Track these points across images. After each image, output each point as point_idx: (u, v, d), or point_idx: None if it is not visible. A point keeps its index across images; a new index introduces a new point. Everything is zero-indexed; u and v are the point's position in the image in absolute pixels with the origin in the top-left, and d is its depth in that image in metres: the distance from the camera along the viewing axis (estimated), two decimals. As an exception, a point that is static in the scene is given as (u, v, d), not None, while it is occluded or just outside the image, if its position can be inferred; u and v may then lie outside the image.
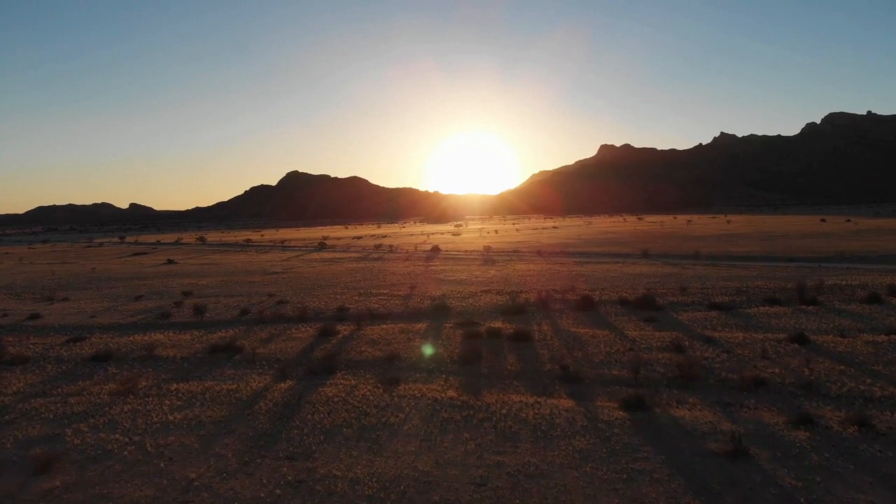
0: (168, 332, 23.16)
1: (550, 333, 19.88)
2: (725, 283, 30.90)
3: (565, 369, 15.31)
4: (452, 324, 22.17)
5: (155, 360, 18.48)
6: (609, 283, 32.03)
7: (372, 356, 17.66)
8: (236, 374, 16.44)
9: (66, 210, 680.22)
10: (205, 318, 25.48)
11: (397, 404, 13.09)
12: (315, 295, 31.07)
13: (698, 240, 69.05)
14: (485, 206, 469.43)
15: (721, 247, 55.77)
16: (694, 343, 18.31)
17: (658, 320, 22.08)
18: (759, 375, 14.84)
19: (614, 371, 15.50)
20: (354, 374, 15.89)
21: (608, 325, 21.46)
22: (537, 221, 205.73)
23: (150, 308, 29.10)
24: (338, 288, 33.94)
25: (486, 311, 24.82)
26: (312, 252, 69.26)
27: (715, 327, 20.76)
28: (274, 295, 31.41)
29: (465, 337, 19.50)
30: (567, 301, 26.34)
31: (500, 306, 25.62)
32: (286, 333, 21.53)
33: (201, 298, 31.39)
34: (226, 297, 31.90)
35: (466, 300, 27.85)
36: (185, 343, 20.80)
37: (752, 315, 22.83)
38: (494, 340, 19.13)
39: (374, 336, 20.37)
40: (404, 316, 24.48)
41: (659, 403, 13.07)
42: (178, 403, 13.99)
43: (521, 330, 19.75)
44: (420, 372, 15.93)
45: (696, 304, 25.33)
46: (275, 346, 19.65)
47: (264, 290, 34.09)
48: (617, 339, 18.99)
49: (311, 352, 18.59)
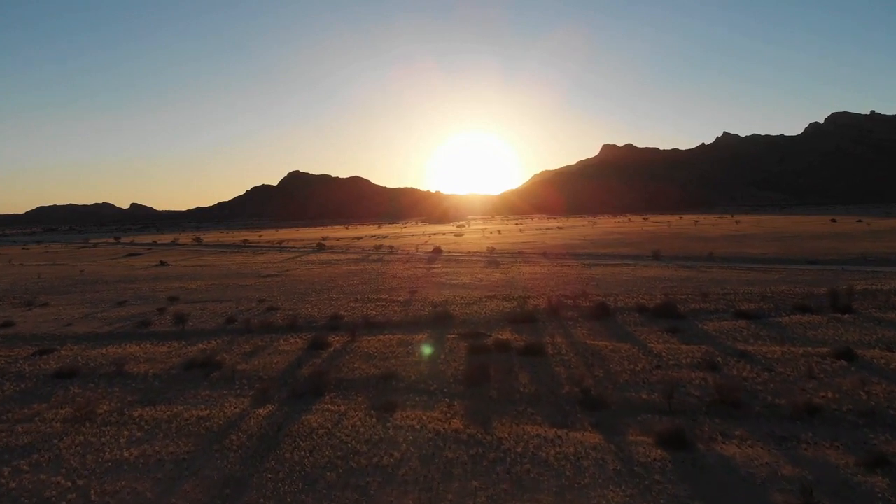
0: (145, 342, 21.19)
1: (565, 347, 17.86)
2: (748, 289, 28.88)
3: (587, 393, 13.30)
4: (456, 334, 20.17)
5: (124, 378, 16.51)
6: (622, 288, 30.01)
7: (366, 374, 15.66)
8: (211, 397, 14.45)
9: (66, 210, 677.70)
10: (187, 327, 23.50)
11: (392, 439, 11.09)
12: (308, 301, 29.08)
13: (709, 241, 66.97)
14: (486, 207, 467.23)
15: (734, 248, 53.70)
16: (728, 359, 16.30)
17: (682, 331, 20.07)
18: (810, 401, 12.84)
19: (643, 394, 13.49)
20: (345, 396, 13.90)
21: (628, 336, 19.44)
22: (540, 221, 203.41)
23: (131, 315, 27.13)
24: (333, 293, 31.94)
25: (492, 320, 22.81)
26: (310, 253, 67.27)
27: (747, 339, 18.76)
28: (265, 300, 29.43)
29: (471, 350, 17.51)
30: (580, 308, 24.33)
31: (507, 314, 23.61)
32: (273, 346, 19.54)
33: (188, 304, 29.43)
34: (214, 302, 29.93)
35: (470, 307, 25.85)
36: (161, 356, 18.82)
37: (784, 325, 20.82)
38: (503, 355, 17.13)
39: (369, 349, 18.37)
40: (403, 325, 22.48)
41: (701, 437, 11.08)
42: (137, 435, 12.02)
43: (533, 343, 17.75)
44: (420, 394, 13.94)
45: (721, 312, 23.32)
46: (258, 360, 17.67)
47: (256, 294, 32.11)
48: (641, 353, 16.97)
49: (297, 368, 16.60)
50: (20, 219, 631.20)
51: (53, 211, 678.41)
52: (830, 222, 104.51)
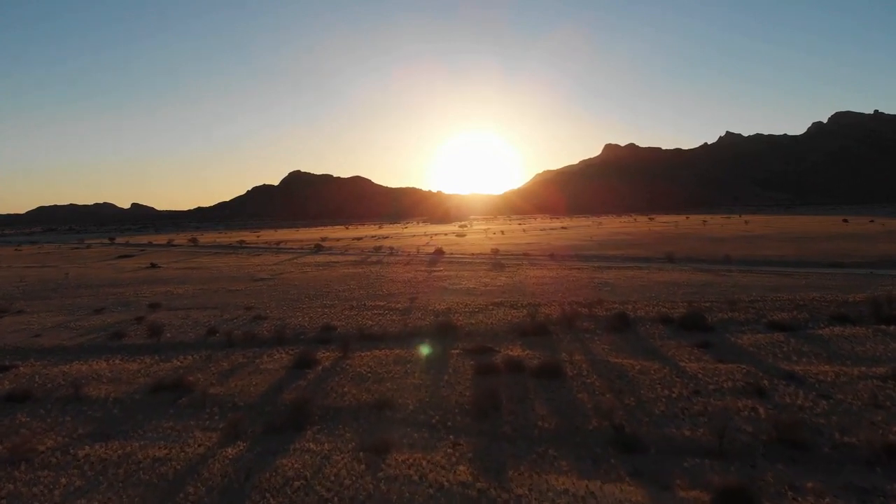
0: (115, 358, 19.06)
1: (586, 366, 15.68)
2: (775, 295, 26.69)
3: (619, 430, 11.14)
4: (461, 349, 18.02)
5: (80, 404, 14.37)
6: (639, 294, 27.84)
7: (356, 401, 13.50)
8: (174, 430, 12.31)
9: (67, 210, 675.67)
10: (164, 338, 21.38)
11: (384, 496, 8.93)
12: (300, 308, 26.92)
13: (720, 241, 64.75)
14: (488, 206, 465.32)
15: (749, 250, 51.43)
16: (775, 382, 14.12)
17: (715, 346, 17.90)
18: (886, 439, 10.68)
19: (685, 430, 11.33)
20: (330, 432, 11.74)
21: (655, 353, 17.27)
22: (544, 221, 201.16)
23: (107, 324, 25.00)
24: (327, 299, 29.78)
25: (500, 332, 20.65)
26: (307, 255, 65.12)
27: (789, 357, 16.59)
28: (253, 308, 27.28)
29: (478, 371, 15.34)
30: (596, 318, 22.16)
31: (516, 324, 21.45)
32: (254, 363, 17.39)
33: (170, 311, 27.31)
34: (198, 309, 27.79)
35: (476, 316, 23.68)
36: (128, 376, 16.67)
37: (826, 338, 18.64)
38: (515, 376, 14.96)
39: (362, 367, 16.21)
40: (402, 337, 20.32)
41: (767, 492, 8.92)
42: (77, 484, 9.88)
43: (549, 362, 15.57)
44: (419, 428, 11.78)
45: (753, 323, 21.15)
46: (235, 382, 15.51)
47: (244, 301, 29.97)
48: (673, 375, 14.79)
49: (279, 392, 14.45)
50: (20, 219, 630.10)
51: (54, 211, 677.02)
52: (842, 223, 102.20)
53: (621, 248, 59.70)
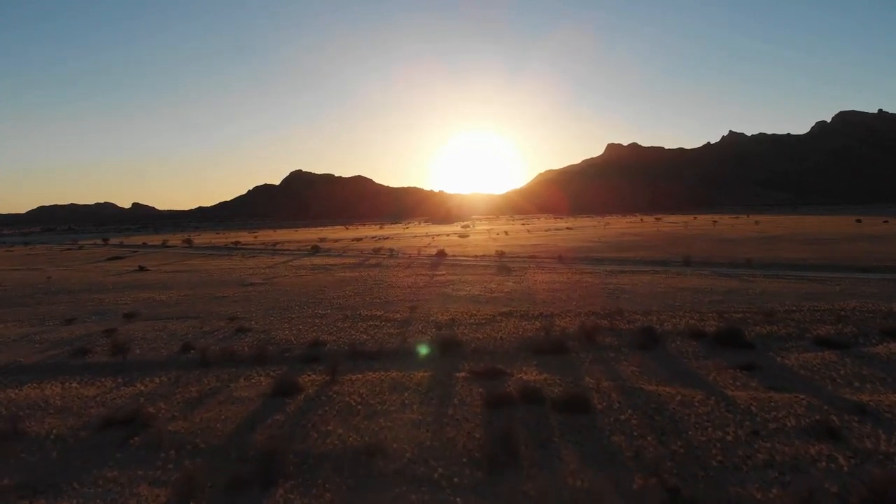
0: (72, 380, 16.72)
1: (617, 396, 13.28)
2: (812, 304, 24.31)
3: (674, 492, 8.75)
4: (467, 372, 15.64)
5: (14, 443, 12.02)
6: (662, 303, 25.44)
7: (341, 445, 11.12)
8: (117, 483, 9.95)
9: (67, 210, 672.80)
10: (133, 356, 19.04)
11: None
12: (288, 318, 24.54)
13: (734, 243, 62.28)
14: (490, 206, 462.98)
15: (767, 252, 48.90)
16: (846, 419, 11.72)
17: (760, 368, 15.51)
18: None
19: (754, 491, 8.94)
20: (305, 491, 9.37)
21: (693, 377, 14.88)
22: (548, 222, 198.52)
23: (75, 337, 22.66)
24: (320, 307, 27.41)
25: (511, 348, 18.27)
26: (304, 257, 62.74)
27: (851, 382, 14.21)
28: (237, 318, 24.90)
29: (488, 402, 12.96)
30: (618, 332, 19.78)
31: (529, 339, 19.09)
32: (227, 389, 15.02)
33: (146, 322, 24.97)
34: (178, 319, 25.44)
35: (483, 328, 21.30)
36: (80, 405, 14.31)
37: (885, 358, 16.26)
38: (533, 409, 12.57)
39: (352, 397, 13.83)
40: (400, 356, 17.95)
41: None
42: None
43: (574, 392, 13.17)
44: (416, 488, 9.40)
45: (796, 339, 18.77)
46: (202, 415, 13.14)
47: (230, 309, 27.62)
48: (722, 408, 12.40)
49: (250, 430, 12.07)
50: (21, 219, 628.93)
51: (54, 211, 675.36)
52: (855, 223, 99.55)
53: (632, 249, 57.19)
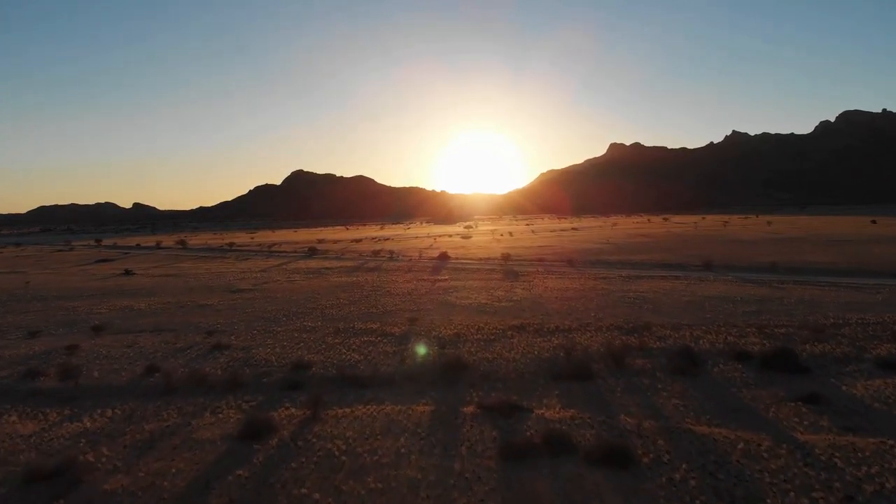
0: (12, 412, 14.15)
1: (664, 443, 10.64)
2: (858, 316, 21.66)
3: None
4: (476, 406, 13.00)
5: None
6: (691, 315, 22.80)
7: (318, 519, 8.51)
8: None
9: (68, 210, 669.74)
10: (90, 380, 16.46)
11: None
12: (273, 332, 21.94)
13: (752, 245, 59.55)
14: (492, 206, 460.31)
15: (791, 255, 46.02)
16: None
17: (826, 401, 12.87)
18: None
19: None
20: None
21: (749, 414, 12.25)
22: (552, 222, 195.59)
23: (32, 355, 20.08)
24: (310, 318, 24.81)
25: (526, 373, 15.66)
26: (300, 260, 60.11)
27: (948, 422, 11.57)
28: (215, 332, 22.29)
29: (505, 453, 10.34)
30: (650, 351, 17.16)
31: (547, 361, 16.48)
32: (187, 428, 12.42)
33: (115, 337, 22.39)
34: (151, 333, 22.86)
35: (492, 346, 18.68)
36: (10, 447, 11.73)
37: (974, 387, 13.61)
38: (563, 464, 9.94)
39: (335, 443, 11.20)
40: (396, 382, 15.34)
41: None
42: None
43: (611, 441, 10.54)
44: None
45: (855, 360, 16.16)
46: (150, 464, 10.54)
47: (211, 321, 25.04)
48: (798, 461, 9.74)
49: (204, 492, 9.46)
50: (21, 218, 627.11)
51: (54, 211, 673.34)
52: (871, 224, 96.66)
53: (645, 252, 54.43)
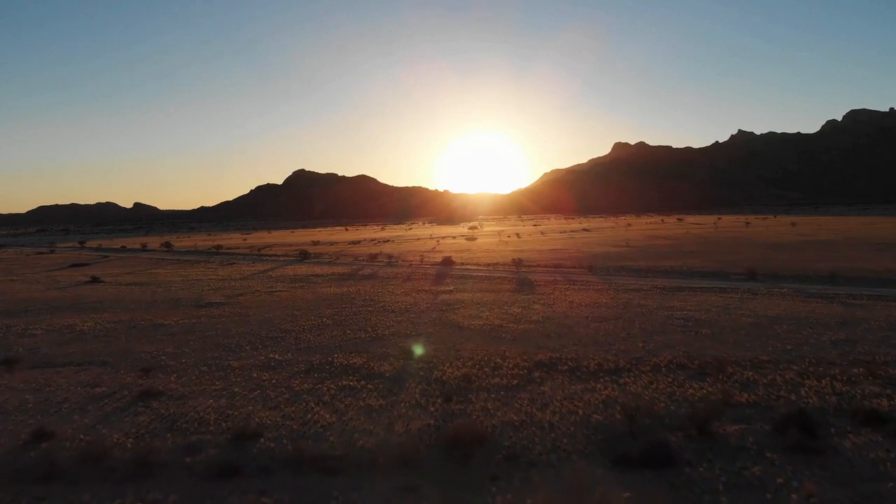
0: None
1: None
2: None
3: None
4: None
5: None
6: (766, 345, 17.71)
7: None
8: None
9: (68, 210, 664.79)
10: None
11: None
12: (226, 370, 16.92)
13: (788, 249, 54.28)
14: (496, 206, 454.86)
15: (842, 262, 40.33)
16: None
17: None
18: None
19: None
20: None
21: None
22: (559, 222, 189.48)
23: None
24: (279, 348, 19.79)
25: (573, 452, 10.65)
26: (288, 265, 54.96)
27: None
28: (153, 369, 17.28)
29: None
30: (738, 408, 12.13)
31: (598, 428, 11.51)
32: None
33: (30, 373, 17.42)
34: (76, 367, 17.90)
35: (516, 398, 13.66)
36: None
37: None
38: None
39: None
40: (379, 467, 10.33)
41: None
42: None
43: None
44: None
45: None
46: None
47: (156, 350, 20.06)
48: None
49: None
50: (21, 218, 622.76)
51: (54, 211, 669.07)
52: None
53: (672, 256, 49.03)
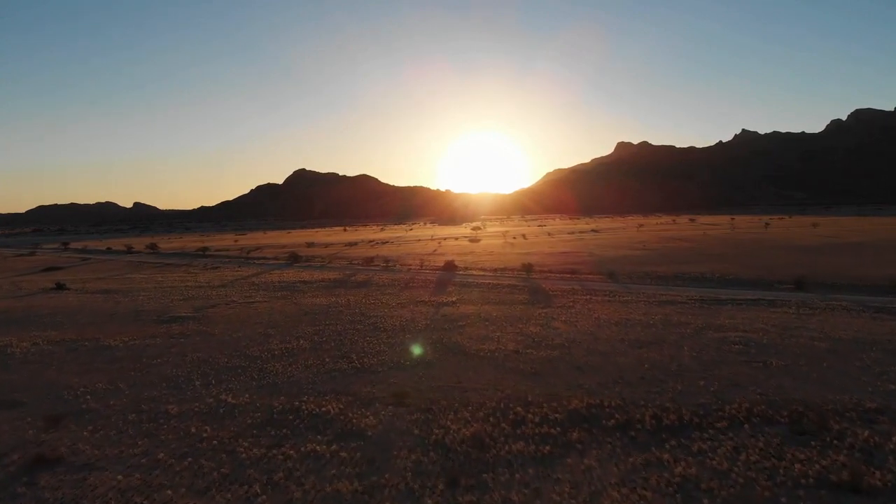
0: None
1: None
2: None
3: None
4: None
5: None
6: (860, 383, 13.44)
7: None
8: None
9: (68, 209, 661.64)
10: None
11: None
12: (165, 418, 12.68)
13: (823, 253, 49.87)
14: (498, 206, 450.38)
15: (891, 268, 36.14)
16: None
17: None
18: None
19: None
20: None
21: None
22: (564, 223, 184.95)
23: None
24: (236, 384, 15.51)
25: None
26: (276, 269, 50.69)
27: None
28: (65, 417, 12.91)
29: None
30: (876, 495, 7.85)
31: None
32: None
33: None
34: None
35: (551, 477, 9.41)
36: None
37: None
38: None
39: None
40: None
41: None
42: None
43: None
44: None
45: None
46: None
47: (82, 385, 15.84)
48: None
49: None
50: (20, 218, 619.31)
51: (54, 210, 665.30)
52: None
53: (696, 261, 44.56)
